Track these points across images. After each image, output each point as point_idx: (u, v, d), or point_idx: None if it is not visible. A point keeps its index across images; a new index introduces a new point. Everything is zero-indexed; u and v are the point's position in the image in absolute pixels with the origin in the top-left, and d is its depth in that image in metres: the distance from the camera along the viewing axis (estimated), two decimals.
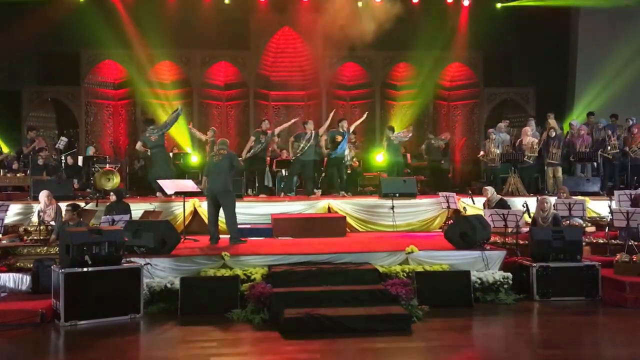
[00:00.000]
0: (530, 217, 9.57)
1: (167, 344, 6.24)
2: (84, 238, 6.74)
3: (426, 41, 15.76)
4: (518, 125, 14.97)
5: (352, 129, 12.82)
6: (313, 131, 12.11)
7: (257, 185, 12.74)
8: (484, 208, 9.92)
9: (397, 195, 11.19)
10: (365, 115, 13.18)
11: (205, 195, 9.26)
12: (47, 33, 14.64)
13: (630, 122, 12.90)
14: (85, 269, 6.63)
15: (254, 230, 10.11)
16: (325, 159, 12.66)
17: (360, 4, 15.15)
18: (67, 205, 8.52)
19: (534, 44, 15.88)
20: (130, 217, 9.37)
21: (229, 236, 9.02)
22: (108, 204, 9.92)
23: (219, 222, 9.25)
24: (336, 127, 12.36)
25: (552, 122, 13.05)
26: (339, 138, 12.18)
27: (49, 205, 8.84)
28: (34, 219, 9.42)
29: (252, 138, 12.56)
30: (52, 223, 8.63)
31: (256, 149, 12.28)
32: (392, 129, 13.17)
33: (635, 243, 8.36)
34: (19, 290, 7.58)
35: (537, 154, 12.51)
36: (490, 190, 10.12)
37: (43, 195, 8.95)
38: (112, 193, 10.19)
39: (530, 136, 12.64)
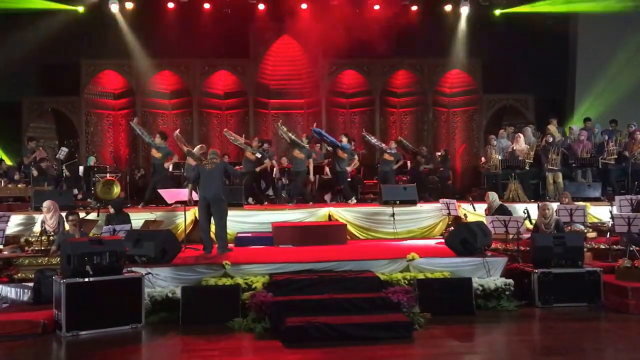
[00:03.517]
0: (531, 223, 9.56)
1: (169, 353, 6.24)
2: (85, 248, 6.73)
3: (425, 48, 15.83)
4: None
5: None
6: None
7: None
8: (486, 214, 9.92)
9: (398, 202, 11.19)
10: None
11: (198, 202, 9.07)
12: (47, 44, 14.69)
13: (632, 128, 12.92)
14: (86, 279, 6.62)
15: (254, 239, 10.09)
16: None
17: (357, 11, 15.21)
18: (66, 215, 8.51)
19: (533, 51, 15.90)
20: (131, 227, 9.36)
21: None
22: (107, 215, 9.92)
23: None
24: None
25: (551, 127, 13.06)
26: None
27: (52, 215, 8.76)
28: (36, 229, 9.40)
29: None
30: (53, 233, 8.61)
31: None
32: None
33: (637, 248, 8.35)
34: (21, 301, 7.55)
35: (532, 160, 12.53)
36: (491, 195, 10.10)
37: (46, 204, 8.94)
38: (109, 206, 10.16)
39: (522, 143, 12.67)
